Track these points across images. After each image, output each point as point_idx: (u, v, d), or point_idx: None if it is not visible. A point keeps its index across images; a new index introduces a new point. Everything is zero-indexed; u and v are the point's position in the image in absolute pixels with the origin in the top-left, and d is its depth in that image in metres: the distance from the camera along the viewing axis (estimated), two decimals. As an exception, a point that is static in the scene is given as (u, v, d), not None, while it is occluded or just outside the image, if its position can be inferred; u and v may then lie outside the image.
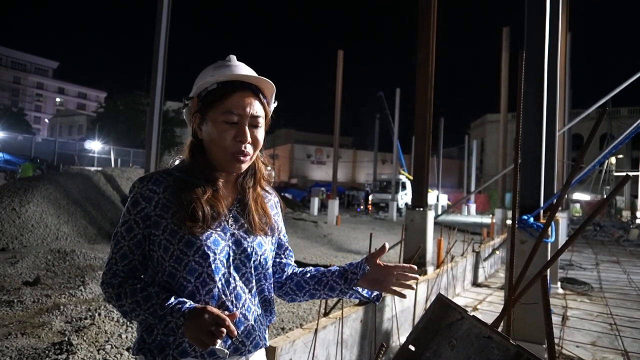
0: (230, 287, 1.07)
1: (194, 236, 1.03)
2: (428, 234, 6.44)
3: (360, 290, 1.21)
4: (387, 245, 1.17)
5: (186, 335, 0.95)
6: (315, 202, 21.38)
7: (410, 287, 1.17)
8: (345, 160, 46.20)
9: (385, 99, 32.15)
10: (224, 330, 0.91)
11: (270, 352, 1.98)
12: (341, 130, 18.35)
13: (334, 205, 16.88)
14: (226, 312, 0.98)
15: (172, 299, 0.99)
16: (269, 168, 1.25)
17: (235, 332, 0.93)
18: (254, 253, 1.11)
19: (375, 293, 1.23)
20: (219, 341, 0.91)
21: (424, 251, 6.20)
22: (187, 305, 0.98)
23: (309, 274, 1.25)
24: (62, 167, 20.73)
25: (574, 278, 7.06)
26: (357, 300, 3.27)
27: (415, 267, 1.16)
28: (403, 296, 1.17)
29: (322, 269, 1.26)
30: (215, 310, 0.94)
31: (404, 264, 1.16)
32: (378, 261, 1.17)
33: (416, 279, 1.17)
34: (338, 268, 1.23)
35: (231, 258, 1.08)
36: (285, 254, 1.28)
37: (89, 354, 3.12)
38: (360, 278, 1.18)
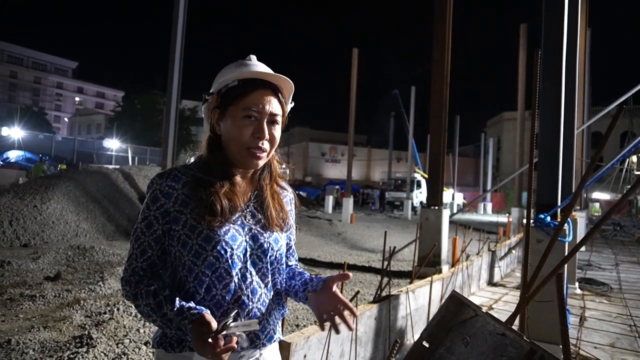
0: (247, 282, 1.09)
1: (212, 231, 1.05)
2: (443, 232, 6.41)
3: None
4: (350, 275, 1.13)
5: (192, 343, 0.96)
6: (330, 200, 21.39)
7: (336, 328, 1.12)
8: (359, 158, 46.04)
9: (401, 97, 31.97)
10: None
11: (285, 347, 2.00)
12: (356, 128, 18.33)
13: (349, 203, 16.88)
14: (224, 343, 0.95)
15: (177, 305, 0.99)
16: (283, 166, 1.26)
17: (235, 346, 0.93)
18: (270, 248, 1.13)
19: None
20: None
21: (438, 250, 6.17)
22: (191, 312, 0.97)
23: (289, 273, 1.26)
24: (81, 165, 21.17)
25: (592, 278, 6.93)
26: (371, 298, 3.28)
27: (357, 313, 1.08)
28: (322, 329, 1.14)
29: (305, 273, 1.24)
30: (207, 320, 0.93)
31: (349, 303, 1.11)
32: (334, 287, 1.13)
33: (347, 325, 1.10)
34: (308, 277, 1.22)
35: (248, 253, 1.10)
36: (289, 254, 1.29)
37: (108, 347, 3.20)
38: (311, 294, 1.17)
